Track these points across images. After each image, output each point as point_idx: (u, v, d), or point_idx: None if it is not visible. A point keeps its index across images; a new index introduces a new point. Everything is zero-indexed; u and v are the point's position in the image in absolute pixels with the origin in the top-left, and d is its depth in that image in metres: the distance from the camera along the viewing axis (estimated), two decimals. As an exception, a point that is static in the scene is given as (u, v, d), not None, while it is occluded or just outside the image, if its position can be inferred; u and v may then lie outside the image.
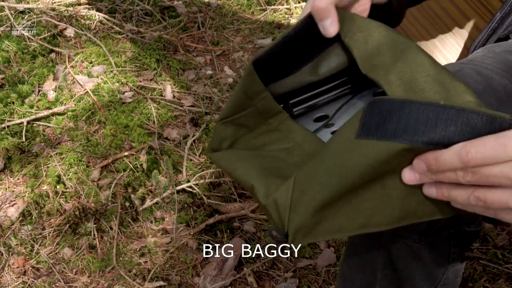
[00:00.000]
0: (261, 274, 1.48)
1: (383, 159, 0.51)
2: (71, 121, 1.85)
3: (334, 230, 0.57)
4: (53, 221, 1.59)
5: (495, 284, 1.43)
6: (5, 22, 2.18)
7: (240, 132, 0.68)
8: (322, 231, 0.57)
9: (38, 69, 2.01)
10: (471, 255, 1.49)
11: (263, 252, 1.51)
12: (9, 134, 1.80)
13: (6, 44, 2.09)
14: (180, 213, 1.60)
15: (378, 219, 0.56)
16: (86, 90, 1.94)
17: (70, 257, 1.52)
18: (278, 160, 0.66)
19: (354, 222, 0.56)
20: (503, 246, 1.50)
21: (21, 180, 1.70)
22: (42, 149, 1.77)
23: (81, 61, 2.06)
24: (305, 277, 1.46)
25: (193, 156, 1.74)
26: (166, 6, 2.31)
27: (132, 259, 1.51)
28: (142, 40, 2.12)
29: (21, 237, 1.56)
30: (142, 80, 1.99)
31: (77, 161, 1.73)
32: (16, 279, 1.48)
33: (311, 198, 0.55)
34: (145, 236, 1.56)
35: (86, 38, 2.14)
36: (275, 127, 0.69)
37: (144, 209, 1.61)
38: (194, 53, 2.12)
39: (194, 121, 1.86)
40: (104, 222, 1.58)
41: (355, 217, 0.56)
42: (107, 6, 2.29)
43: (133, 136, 1.79)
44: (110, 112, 1.87)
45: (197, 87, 1.98)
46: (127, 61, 2.06)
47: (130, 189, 1.66)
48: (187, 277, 1.47)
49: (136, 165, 1.71)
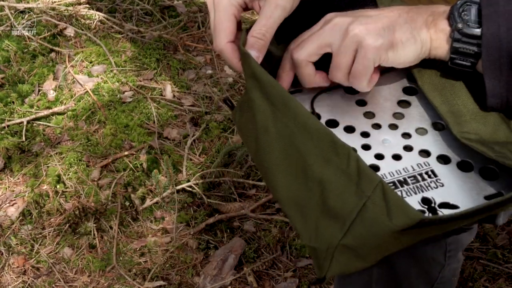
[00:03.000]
0: (261, 273, 1.48)
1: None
2: (71, 121, 1.85)
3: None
4: (53, 221, 1.59)
5: (495, 283, 1.43)
6: (5, 22, 2.18)
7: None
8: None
9: (38, 68, 2.02)
10: (471, 254, 1.49)
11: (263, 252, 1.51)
12: (9, 133, 1.80)
13: (6, 44, 2.09)
14: (180, 212, 1.60)
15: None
16: (86, 89, 1.94)
17: (70, 256, 1.52)
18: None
19: (379, 259, 0.60)
20: (503, 246, 1.50)
21: (21, 180, 1.70)
22: (42, 148, 1.77)
23: (81, 61, 2.06)
24: (305, 276, 1.46)
25: (193, 156, 1.74)
26: (166, 5, 2.31)
27: (132, 258, 1.51)
28: (142, 39, 2.12)
29: (21, 237, 1.56)
30: (142, 80, 1.99)
31: (77, 160, 1.73)
32: (16, 278, 1.48)
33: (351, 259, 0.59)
34: (145, 235, 1.56)
35: (86, 37, 2.14)
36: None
37: (144, 208, 1.61)
38: (194, 52, 2.12)
39: (194, 121, 1.86)
40: (104, 221, 1.58)
41: (383, 256, 0.60)
42: (107, 5, 2.29)
43: (133, 136, 1.79)
44: (110, 111, 1.87)
45: (197, 87, 1.98)
46: (127, 61, 2.06)
47: (130, 189, 1.66)
48: (187, 277, 1.48)
49: (136, 164, 1.71)
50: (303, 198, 0.61)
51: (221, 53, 0.68)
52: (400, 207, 0.54)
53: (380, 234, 0.56)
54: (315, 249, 0.60)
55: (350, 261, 0.59)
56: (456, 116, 0.65)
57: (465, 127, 0.64)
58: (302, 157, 0.61)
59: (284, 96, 0.62)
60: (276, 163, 0.63)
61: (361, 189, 0.57)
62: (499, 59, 0.58)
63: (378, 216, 0.55)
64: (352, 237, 0.57)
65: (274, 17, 0.66)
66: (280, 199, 0.64)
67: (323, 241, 0.59)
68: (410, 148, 0.67)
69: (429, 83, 0.69)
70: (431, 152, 0.66)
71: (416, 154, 0.67)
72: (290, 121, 0.61)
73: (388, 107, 0.71)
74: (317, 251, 0.60)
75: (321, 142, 0.60)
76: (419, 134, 0.68)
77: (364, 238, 0.57)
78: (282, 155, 0.62)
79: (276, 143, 0.63)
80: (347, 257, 0.59)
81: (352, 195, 0.57)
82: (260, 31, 0.66)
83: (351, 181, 0.58)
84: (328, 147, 0.59)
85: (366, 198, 0.56)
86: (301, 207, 0.61)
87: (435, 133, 0.68)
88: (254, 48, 0.66)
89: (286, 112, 0.62)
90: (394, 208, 0.54)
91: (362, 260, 0.59)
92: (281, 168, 0.63)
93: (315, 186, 0.60)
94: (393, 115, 0.71)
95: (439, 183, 0.63)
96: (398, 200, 0.55)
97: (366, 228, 0.56)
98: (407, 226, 0.54)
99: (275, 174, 0.63)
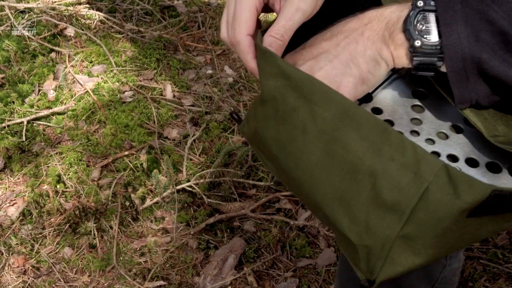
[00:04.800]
0: (261, 273, 1.48)
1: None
2: (71, 121, 1.85)
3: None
4: (53, 221, 1.59)
5: (495, 283, 1.43)
6: (5, 22, 2.18)
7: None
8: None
9: (38, 68, 2.02)
10: (471, 254, 1.49)
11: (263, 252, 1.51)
12: (9, 133, 1.80)
13: (6, 44, 2.09)
14: (180, 212, 1.60)
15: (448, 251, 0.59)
16: (86, 89, 1.94)
17: (70, 256, 1.52)
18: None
19: (435, 258, 0.58)
20: (503, 246, 1.50)
21: (21, 180, 1.70)
22: (42, 148, 1.77)
23: (81, 61, 2.06)
24: (305, 276, 1.46)
25: (193, 156, 1.74)
26: (166, 5, 2.31)
27: (132, 258, 1.51)
28: (142, 39, 2.12)
29: (21, 237, 1.56)
30: (142, 80, 1.99)
31: (77, 160, 1.73)
32: (16, 278, 1.48)
33: (410, 261, 0.57)
34: (145, 235, 1.56)
35: (86, 37, 2.14)
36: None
37: (144, 208, 1.61)
38: (194, 52, 2.12)
39: (194, 121, 1.86)
40: (104, 221, 1.58)
41: (440, 253, 0.58)
42: (107, 5, 2.29)
43: (133, 136, 1.79)
44: (110, 111, 1.87)
45: (197, 87, 1.98)
46: (127, 61, 2.06)
47: (130, 189, 1.66)
48: (187, 277, 1.48)
49: (136, 164, 1.71)
50: (350, 193, 0.58)
51: (236, 45, 0.65)
52: (469, 183, 0.51)
53: (445, 216, 0.52)
54: (367, 247, 0.57)
55: (406, 259, 0.56)
56: (483, 119, 0.62)
57: (493, 129, 0.62)
58: (348, 151, 0.58)
59: (324, 89, 0.59)
60: (317, 162, 0.59)
61: (421, 175, 0.54)
62: (464, 68, 0.55)
63: (443, 196, 0.52)
64: (413, 225, 0.54)
65: (294, 20, 0.63)
66: (321, 199, 0.60)
67: (377, 236, 0.56)
68: (437, 154, 0.65)
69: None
70: (458, 156, 0.64)
71: (444, 160, 0.64)
72: (334, 115, 0.58)
73: (404, 114, 0.69)
74: (370, 249, 0.57)
75: (371, 132, 0.56)
76: (441, 139, 0.66)
77: (427, 224, 0.53)
78: (324, 153, 0.59)
79: (318, 142, 0.59)
80: (404, 253, 0.56)
81: (410, 183, 0.54)
82: (279, 31, 0.63)
83: (408, 169, 0.54)
84: (380, 137, 0.56)
85: (427, 183, 0.53)
86: (348, 203, 0.58)
87: (456, 136, 0.66)
88: (272, 47, 0.63)
89: (328, 105, 0.58)
90: (462, 185, 0.51)
91: (419, 255, 0.55)
92: (324, 167, 0.59)
93: (366, 179, 0.57)
94: (411, 121, 0.68)
95: None
96: (466, 177, 0.51)
97: (430, 213, 0.53)
98: (477, 202, 0.51)
99: (315, 174, 0.60)
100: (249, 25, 0.65)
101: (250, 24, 0.65)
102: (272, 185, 1.65)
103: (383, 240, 0.56)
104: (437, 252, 0.56)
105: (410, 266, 0.56)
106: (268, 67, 0.62)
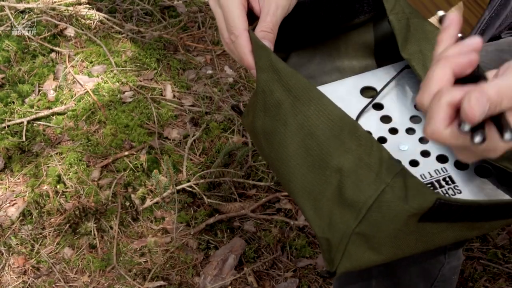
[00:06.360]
0: (261, 273, 1.48)
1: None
2: (71, 121, 1.85)
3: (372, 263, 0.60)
4: (53, 221, 1.59)
5: (495, 283, 1.43)
6: (5, 22, 2.18)
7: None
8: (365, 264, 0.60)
9: (38, 68, 2.02)
10: (471, 254, 1.49)
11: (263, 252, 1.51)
12: (9, 133, 1.80)
13: (6, 44, 2.09)
14: (180, 212, 1.60)
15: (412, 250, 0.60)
16: (86, 89, 1.94)
17: (70, 256, 1.52)
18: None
19: (394, 256, 0.59)
20: (503, 246, 1.50)
21: (21, 180, 1.70)
22: (43, 148, 1.77)
23: (81, 61, 2.06)
24: (305, 276, 1.46)
25: (193, 156, 1.74)
26: (166, 5, 2.31)
27: (132, 258, 1.51)
28: (142, 39, 2.12)
29: (21, 237, 1.56)
30: (142, 80, 1.99)
31: (77, 160, 1.73)
32: (16, 278, 1.48)
33: (367, 256, 0.58)
34: (145, 235, 1.56)
35: (86, 37, 2.14)
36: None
37: (144, 208, 1.61)
38: (195, 52, 2.12)
39: (194, 121, 1.86)
40: (104, 221, 1.58)
41: (397, 253, 0.59)
42: (107, 5, 2.29)
43: (133, 136, 1.79)
44: (110, 111, 1.87)
45: (197, 87, 1.98)
46: (127, 61, 2.06)
47: (130, 189, 1.66)
48: (187, 277, 1.48)
49: (136, 164, 1.71)
50: (318, 188, 0.60)
51: (236, 40, 0.68)
52: (417, 189, 0.53)
53: (395, 219, 0.54)
54: (328, 240, 0.59)
55: (363, 254, 0.58)
56: None
57: None
58: (321, 147, 0.60)
59: (306, 86, 0.61)
60: (293, 155, 0.62)
61: (381, 177, 0.56)
62: None
63: (394, 199, 0.54)
64: (367, 224, 0.56)
65: (277, 15, 0.68)
66: (293, 190, 0.63)
67: (336, 231, 0.58)
68: (427, 153, 0.66)
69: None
70: (448, 157, 0.65)
71: (433, 160, 0.65)
72: (312, 111, 0.61)
73: (405, 110, 0.70)
74: (330, 242, 0.59)
75: (343, 131, 0.59)
76: None
77: (380, 224, 0.55)
78: (300, 146, 0.62)
79: (295, 135, 0.62)
80: (361, 249, 0.57)
81: (370, 184, 0.56)
82: (268, 26, 0.68)
83: (371, 171, 0.56)
84: (351, 137, 0.58)
85: (385, 184, 0.55)
86: (315, 197, 0.60)
87: None
88: (266, 40, 0.67)
89: (308, 102, 0.61)
90: (412, 191, 0.53)
91: (376, 252, 0.57)
92: (298, 159, 0.61)
93: (333, 175, 0.59)
94: (410, 119, 0.69)
95: (457, 189, 0.63)
96: (418, 184, 0.53)
97: (382, 214, 0.55)
98: (423, 209, 0.52)
99: (290, 166, 0.62)
100: (243, 20, 0.68)
101: (244, 19, 0.68)
102: (272, 185, 1.65)
103: (341, 235, 0.58)
104: (395, 251, 0.58)
105: (367, 261, 0.58)
106: (262, 61, 0.65)
